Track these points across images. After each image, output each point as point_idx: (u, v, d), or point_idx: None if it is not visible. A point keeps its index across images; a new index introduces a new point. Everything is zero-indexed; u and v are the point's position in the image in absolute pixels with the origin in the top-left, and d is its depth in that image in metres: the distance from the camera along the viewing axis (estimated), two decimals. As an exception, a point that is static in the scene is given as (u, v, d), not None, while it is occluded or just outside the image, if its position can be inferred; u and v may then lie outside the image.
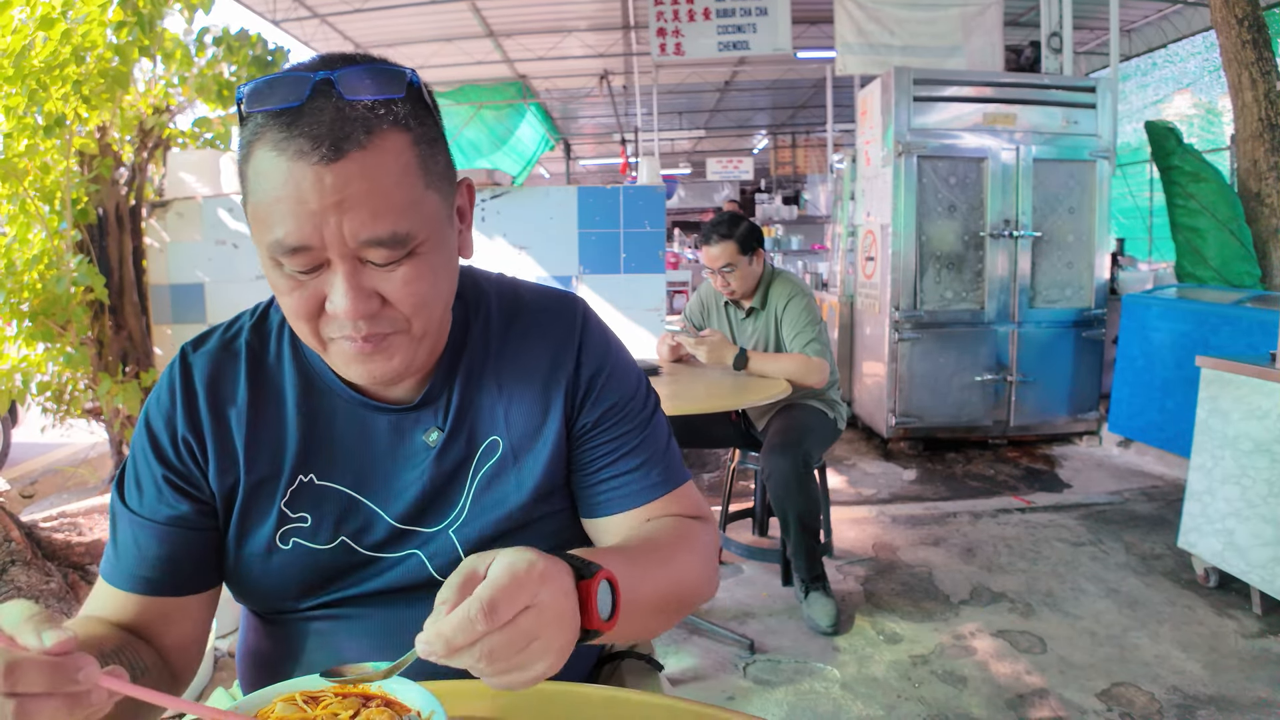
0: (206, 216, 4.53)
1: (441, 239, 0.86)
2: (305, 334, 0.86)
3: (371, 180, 0.77)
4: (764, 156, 19.56)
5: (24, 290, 3.41)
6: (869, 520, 4.05)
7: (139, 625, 0.93)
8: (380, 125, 0.78)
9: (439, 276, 0.86)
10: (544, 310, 1.05)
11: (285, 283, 0.82)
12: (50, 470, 5.51)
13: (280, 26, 10.03)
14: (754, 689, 2.58)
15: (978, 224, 5.16)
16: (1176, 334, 4.54)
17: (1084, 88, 5.33)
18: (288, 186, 0.76)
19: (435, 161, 0.84)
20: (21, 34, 3.13)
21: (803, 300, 3.13)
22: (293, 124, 0.76)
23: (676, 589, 0.93)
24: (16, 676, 0.58)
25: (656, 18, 7.71)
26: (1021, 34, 8.19)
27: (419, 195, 0.81)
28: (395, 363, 0.87)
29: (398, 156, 0.79)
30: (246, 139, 0.79)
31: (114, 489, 0.97)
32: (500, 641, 0.64)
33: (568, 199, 4.63)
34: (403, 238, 0.80)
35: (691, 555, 0.97)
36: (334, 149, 0.75)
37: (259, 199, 0.78)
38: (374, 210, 0.77)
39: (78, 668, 0.61)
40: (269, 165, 0.77)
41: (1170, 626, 2.89)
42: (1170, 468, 4.68)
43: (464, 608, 0.63)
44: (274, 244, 0.78)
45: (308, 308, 0.82)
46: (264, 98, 0.78)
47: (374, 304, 0.82)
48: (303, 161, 0.75)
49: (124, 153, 4.10)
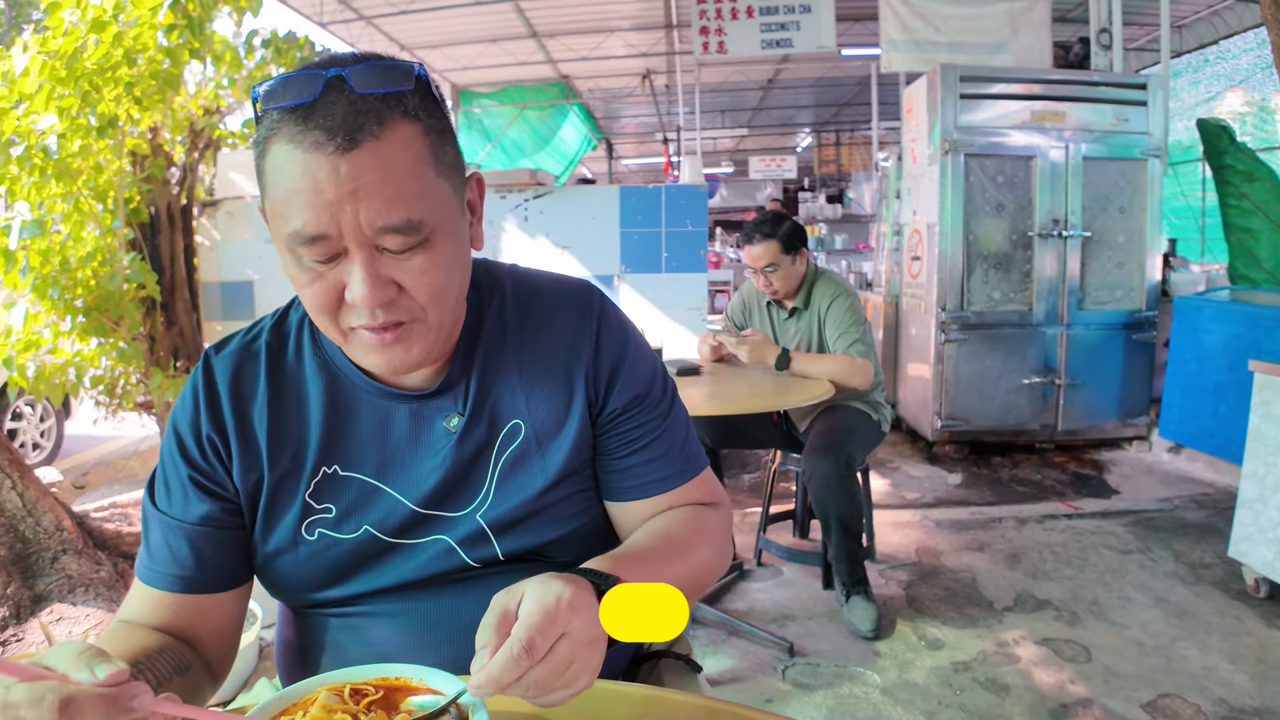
0: (256, 215, 4.60)
1: (454, 227, 0.89)
2: (325, 325, 0.88)
3: (385, 169, 0.80)
4: (807, 155, 19.41)
5: (78, 287, 3.49)
6: (912, 524, 4.01)
7: (175, 623, 0.95)
8: (391, 115, 0.81)
9: (453, 265, 0.88)
10: (559, 297, 1.06)
11: (305, 275, 0.85)
12: (102, 462, 5.64)
13: (327, 29, 10.15)
14: (793, 692, 2.57)
15: (1026, 223, 5.09)
16: (1229, 337, 4.43)
17: (1134, 84, 5.21)
18: (305, 178, 0.79)
19: (445, 152, 0.87)
20: (73, 36, 3.20)
21: (847, 300, 3.09)
22: (307, 118, 0.79)
23: (693, 579, 0.97)
24: (72, 711, 0.59)
25: (699, 16, 7.69)
26: (1070, 30, 8.05)
27: (430, 183, 0.84)
28: (414, 353, 0.89)
29: (409, 146, 0.82)
30: (263, 135, 0.82)
31: (145, 492, 0.99)
32: (542, 673, 0.69)
33: (610, 198, 4.64)
34: (416, 224, 0.82)
35: (707, 546, 1.01)
36: (348, 139, 0.78)
37: (277, 192, 0.81)
38: (388, 198, 0.80)
39: (132, 696, 0.62)
40: (286, 158, 0.80)
41: (1219, 637, 2.82)
42: (1221, 475, 4.58)
43: (506, 649, 0.68)
44: (292, 235, 0.81)
45: (327, 298, 0.85)
46: (279, 95, 0.81)
47: (391, 291, 0.84)
48: (319, 153, 0.78)
49: (175, 153, 4.18)
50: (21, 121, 3.25)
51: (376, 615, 0.99)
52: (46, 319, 3.49)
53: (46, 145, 3.24)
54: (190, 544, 0.95)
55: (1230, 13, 9.56)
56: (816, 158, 18.10)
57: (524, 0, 9.74)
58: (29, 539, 2.84)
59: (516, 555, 1.00)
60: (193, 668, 0.93)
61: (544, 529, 1.01)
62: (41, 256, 3.36)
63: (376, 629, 0.99)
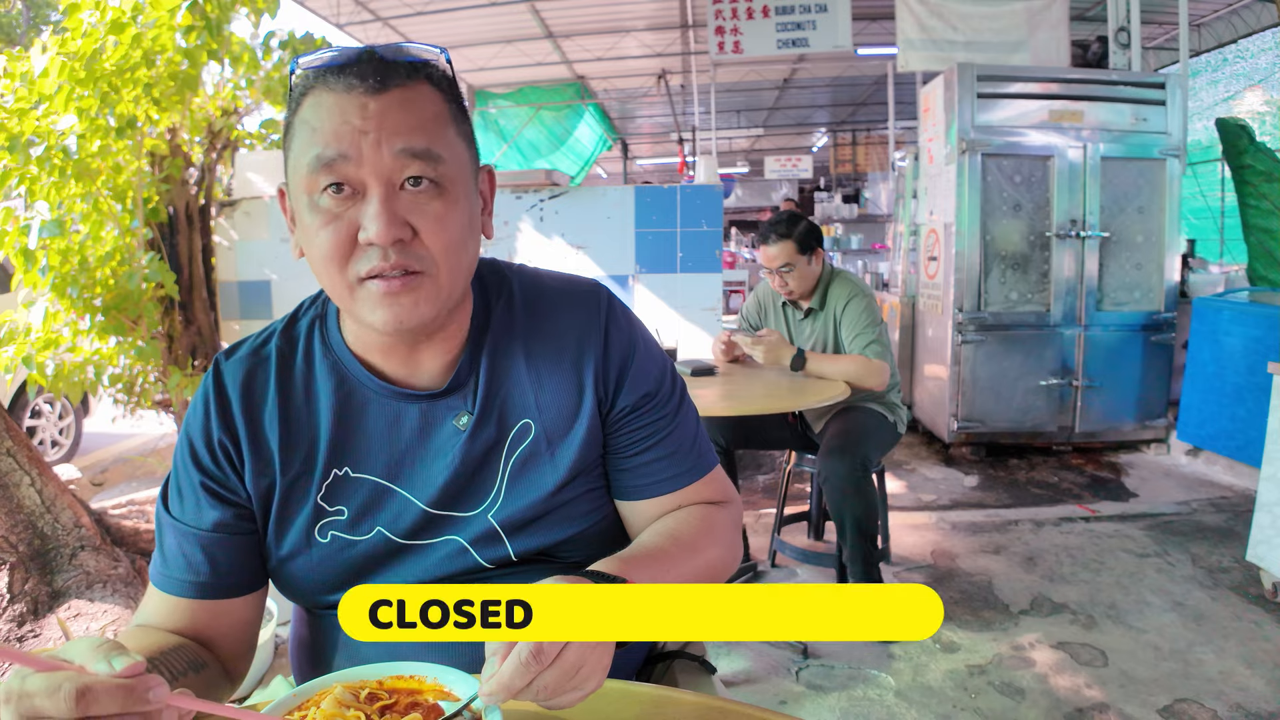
0: (274, 215, 4.64)
1: (468, 191, 0.92)
2: (333, 277, 0.89)
3: (410, 108, 0.86)
4: (823, 154, 19.34)
5: (97, 286, 3.52)
6: (928, 526, 3.99)
7: (191, 627, 0.96)
8: (418, 76, 0.88)
9: (466, 226, 0.91)
10: (567, 295, 1.07)
11: (319, 218, 0.86)
12: (120, 459, 5.68)
13: (344, 30, 10.21)
14: (807, 694, 2.56)
15: (1044, 224, 5.05)
16: (1249, 339, 4.39)
17: (1153, 84, 5.17)
18: (334, 111, 0.84)
19: (463, 125, 0.93)
20: (92, 38, 3.22)
21: (863, 301, 3.08)
22: (341, 71, 0.86)
23: (703, 578, 0.98)
24: (89, 700, 0.60)
25: (715, 16, 7.68)
26: (1088, 29, 7.99)
27: (451, 137, 0.90)
28: (422, 308, 0.89)
29: (433, 101, 0.89)
30: (298, 94, 0.88)
31: (159, 498, 1.00)
32: (552, 677, 0.70)
33: (625, 198, 4.64)
34: (435, 155, 0.86)
35: (717, 545, 1.01)
36: (380, 83, 0.85)
37: (304, 135, 0.86)
38: (411, 127, 0.85)
39: (148, 688, 0.63)
40: (318, 101, 0.85)
41: (1236, 642, 2.79)
42: (1240, 478, 4.54)
43: (515, 655, 0.69)
44: (313, 160, 0.84)
45: (340, 241, 0.86)
46: (316, 60, 0.88)
47: (406, 231, 0.86)
48: (350, 93, 0.84)
49: (193, 153, 4.21)
50: (41, 122, 3.28)
51: None
52: (66, 318, 3.52)
53: (66, 145, 3.26)
54: (204, 550, 0.96)
55: (1248, 11, 9.49)
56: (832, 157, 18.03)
57: (540, 1, 9.76)
58: (47, 535, 2.86)
59: (529, 555, 1.00)
60: (209, 666, 0.93)
61: (556, 528, 1.01)
62: (61, 256, 3.39)
63: None
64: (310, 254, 0.89)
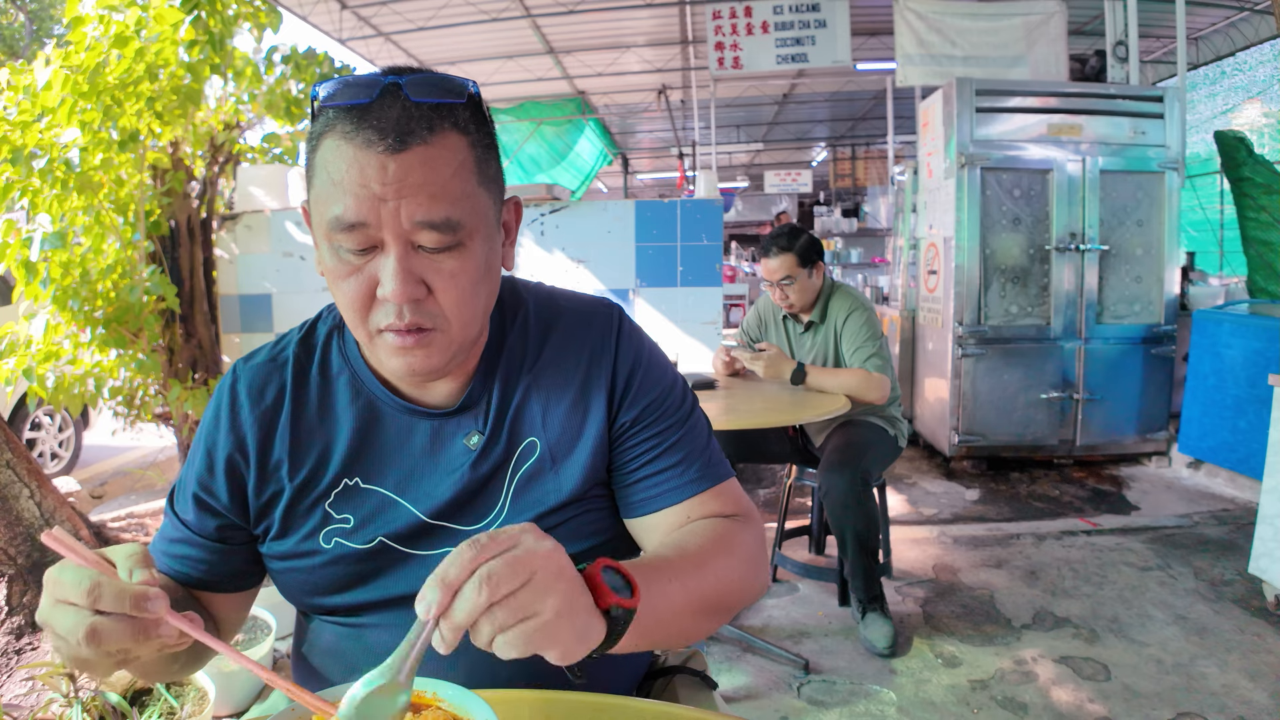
0: (275, 229, 4.65)
1: (488, 237, 0.91)
2: (355, 324, 0.90)
3: (430, 170, 0.83)
4: (823, 169, 19.43)
5: (98, 298, 3.52)
6: (929, 540, 3.98)
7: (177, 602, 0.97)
8: (442, 125, 0.84)
9: (482, 276, 0.90)
10: (581, 315, 1.07)
11: (341, 267, 0.87)
12: (120, 472, 5.67)
13: (346, 45, 10.26)
14: (808, 709, 2.55)
15: (1043, 237, 5.06)
16: (1249, 351, 4.39)
17: (1151, 97, 5.19)
18: (352, 170, 0.82)
19: (488, 166, 0.90)
20: (96, 51, 3.23)
21: (863, 314, 3.08)
22: (362, 118, 0.82)
23: (715, 591, 0.93)
24: (97, 596, 0.69)
25: (715, 32, 7.73)
26: (1086, 43, 8.04)
27: (472, 190, 0.87)
28: (434, 360, 0.91)
29: (455, 154, 0.85)
30: (318, 131, 0.86)
31: (170, 491, 1.05)
32: (498, 566, 0.66)
33: (625, 213, 4.65)
34: (454, 224, 0.85)
35: (729, 557, 0.96)
36: (399, 141, 0.81)
37: (322, 182, 0.84)
38: (430, 196, 0.83)
39: (148, 598, 0.70)
40: (336, 152, 0.83)
41: (1239, 655, 2.78)
42: (1241, 490, 4.53)
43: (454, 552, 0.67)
44: (332, 220, 0.83)
45: (360, 293, 0.87)
46: (337, 95, 0.85)
47: (420, 290, 0.86)
48: (369, 150, 0.81)
49: (195, 167, 4.22)
50: (44, 134, 3.28)
51: (385, 626, 1.00)
52: (66, 330, 3.52)
53: (68, 158, 3.27)
54: (195, 551, 1.01)
55: (1246, 24, 9.54)
56: (832, 172, 18.12)
57: (541, 17, 9.81)
58: (46, 548, 2.85)
59: None
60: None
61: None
62: (62, 268, 3.39)
63: (385, 638, 0.99)
64: (333, 294, 0.91)
